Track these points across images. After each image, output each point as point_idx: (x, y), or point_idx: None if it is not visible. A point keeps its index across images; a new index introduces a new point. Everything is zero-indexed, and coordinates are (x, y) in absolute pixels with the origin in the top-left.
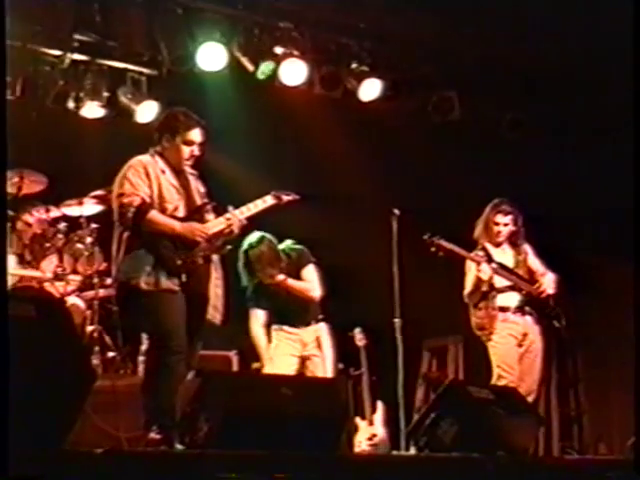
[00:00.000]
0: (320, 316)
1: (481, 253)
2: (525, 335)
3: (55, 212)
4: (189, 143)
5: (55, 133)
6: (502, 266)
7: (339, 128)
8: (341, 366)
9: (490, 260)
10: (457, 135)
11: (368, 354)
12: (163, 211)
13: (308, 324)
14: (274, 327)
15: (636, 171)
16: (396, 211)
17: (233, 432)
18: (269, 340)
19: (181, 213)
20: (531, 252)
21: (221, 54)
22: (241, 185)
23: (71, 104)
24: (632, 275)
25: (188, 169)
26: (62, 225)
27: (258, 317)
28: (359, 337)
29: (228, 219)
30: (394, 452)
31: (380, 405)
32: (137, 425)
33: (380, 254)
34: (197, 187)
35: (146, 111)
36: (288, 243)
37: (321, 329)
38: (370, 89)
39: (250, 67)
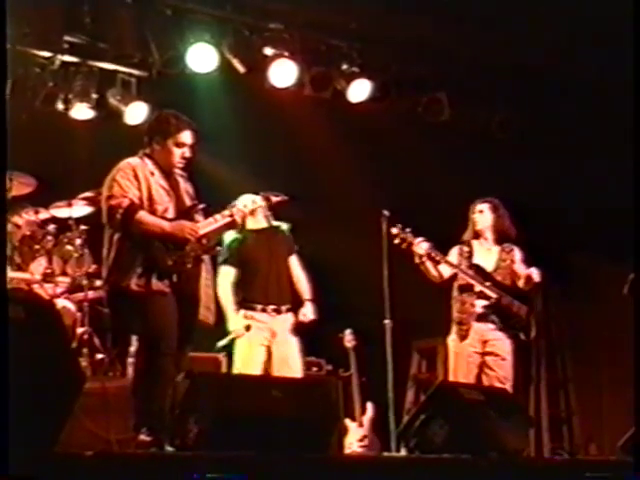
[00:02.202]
0: (289, 305)
1: (466, 248)
2: (485, 342)
3: (44, 214)
4: (180, 145)
5: (44, 134)
6: (479, 268)
7: (329, 129)
8: (330, 367)
9: (470, 259)
10: (447, 136)
11: (357, 355)
12: (153, 213)
13: (279, 311)
14: (246, 313)
15: (636, 171)
16: (386, 212)
17: (223, 434)
18: (236, 303)
19: (171, 214)
20: (520, 257)
21: (211, 55)
22: (231, 186)
23: (60, 106)
24: (624, 276)
25: (177, 171)
26: (51, 227)
27: (228, 274)
28: (349, 338)
29: (231, 215)
30: (384, 453)
31: (370, 406)
32: (127, 427)
33: (370, 255)
34: (186, 189)
35: (135, 113)
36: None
37: (289, 320)
38: (360, 90)
39: (240, 68)
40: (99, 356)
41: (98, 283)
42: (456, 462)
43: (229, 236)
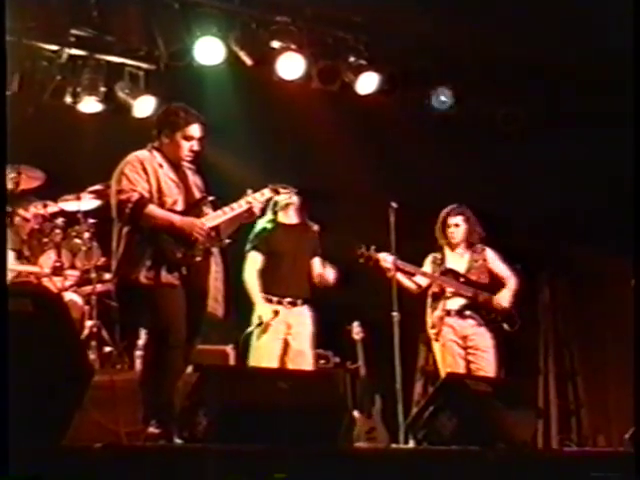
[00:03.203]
0: (306, 298)
1: (439, 255)
2: (465, 337)
3: (53, 207)
4: (189, 138)
5: (52, 128)
6: (452, 272)
7: (336, 121)
8: (338, 360)
9: (443, 265)
10: (453, 128)
11: (365, 348)
12: (162, 205)
13: (295, 303)
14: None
15: (636, 169)
16: (394, 204)
17: (231, 426)
18: (262, 289)
19: (180, 207)
20: (493, 257)
21: (218, 48)
22: (238, 178)
23: (68, 99)
24: (630, 268)
25: (186, 164)
26: (60, 220)
27: (255, 261)
28: (356, 330)
29: (248, 202)
30: (393, 445)
31: (378, 398)
32: (136, 420)
33: (378, 247)
34: (195, 181)
35: (143, 106)
36: None
37: (304, 313)
38: (367, 82)
39: (248, 61)
40: (107, 349)
41: (107, 276)
42: (464, 454)
43: (260, 224)
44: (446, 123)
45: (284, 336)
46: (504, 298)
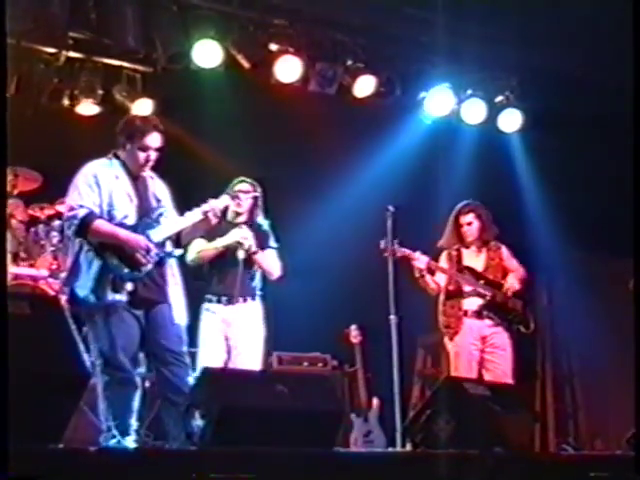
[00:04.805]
0: (255, 293)
1: (454, 252)
2: (483, 338)
3: (50, 210)
4: (144, 149)
5: (50, 131)
6: (470, 269)
7: (334, 124)
8: (335, 363)
9: (460, 263)
10: (449, 130)
11: (363, 351)
12: (111, 219)
13: (232, 302)
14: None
15: (636, 169)
16: (391, 207)
17: (228, 429)
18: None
19: (132, 220)
20: (508, 255)
21: (216, 51)
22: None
23: (66, 102)
24: (628, 269)
25: (147, 172)
26: (57, 223)
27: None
28: (354, 334)
29: (204, 212)
30: (390, 449)
31: (376, 402)
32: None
33: (375, 250)
34: (154, 192)
35: (141, 109)
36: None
37: (248, 310)
38: (365, 85)
39: (245, 64)
40: None
41: None
42: (462, 457)
43: None
44: (442, 124)
45: (225, 333)
46: (512, 283)
